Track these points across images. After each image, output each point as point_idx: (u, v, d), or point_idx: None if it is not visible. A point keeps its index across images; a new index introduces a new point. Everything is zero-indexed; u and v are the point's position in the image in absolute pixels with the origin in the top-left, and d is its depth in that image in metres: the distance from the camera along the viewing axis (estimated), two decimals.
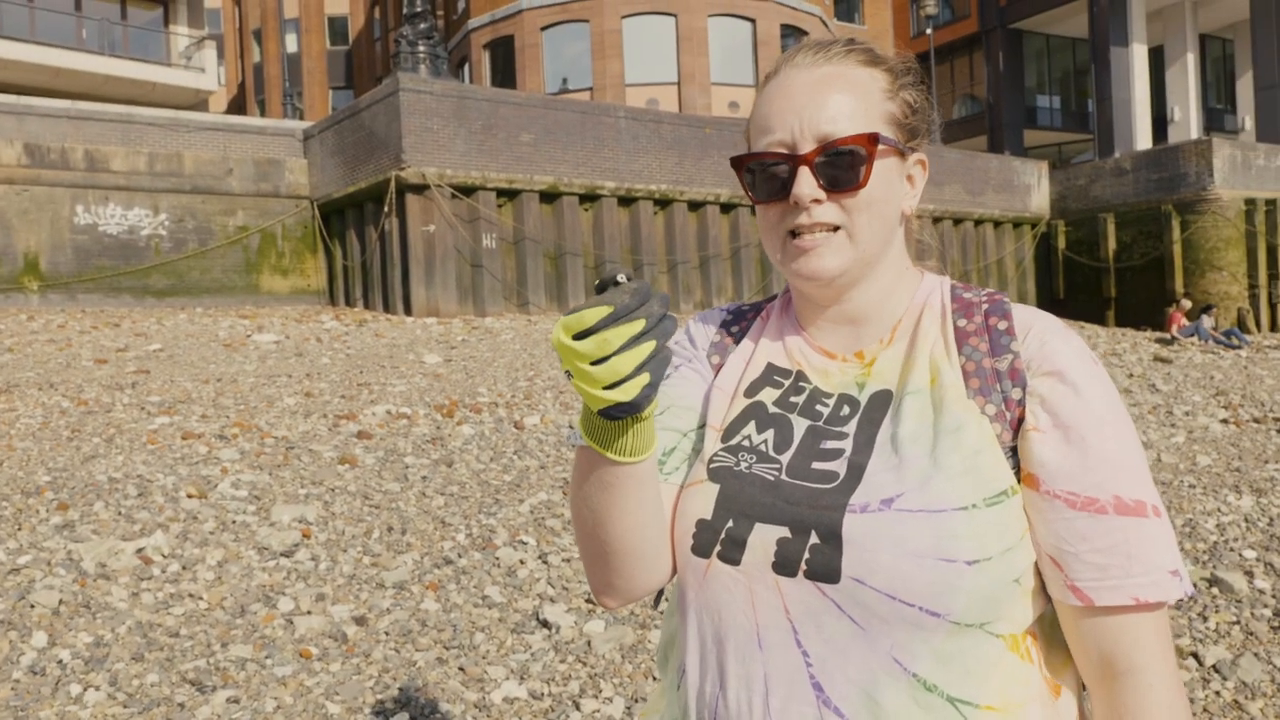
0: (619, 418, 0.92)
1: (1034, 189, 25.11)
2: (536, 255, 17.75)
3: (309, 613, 4.40)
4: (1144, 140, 29.55)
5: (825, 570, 0.98)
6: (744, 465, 1.07)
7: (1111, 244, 23.67)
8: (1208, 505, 6.27)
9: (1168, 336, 19.51)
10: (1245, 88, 33.66)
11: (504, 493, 6.23)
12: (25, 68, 24.69)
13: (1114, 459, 0.98)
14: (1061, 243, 24.74)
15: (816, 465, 1.05)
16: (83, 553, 4.81)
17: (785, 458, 1.07)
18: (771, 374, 1.16)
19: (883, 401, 1.08)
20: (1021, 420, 1.02)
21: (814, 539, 0.99)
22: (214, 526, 5.39)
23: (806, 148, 1.06)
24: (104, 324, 14.72)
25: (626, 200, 18.86)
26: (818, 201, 1.06)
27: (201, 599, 4.50)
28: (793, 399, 1.13)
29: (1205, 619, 4.40)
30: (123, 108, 18.24)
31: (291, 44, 40.84)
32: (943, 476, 0.98)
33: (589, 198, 18.43)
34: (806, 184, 1.05)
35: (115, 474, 6.22)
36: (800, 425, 1.10)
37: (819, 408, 1.11)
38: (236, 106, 44.27)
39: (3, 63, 24.26)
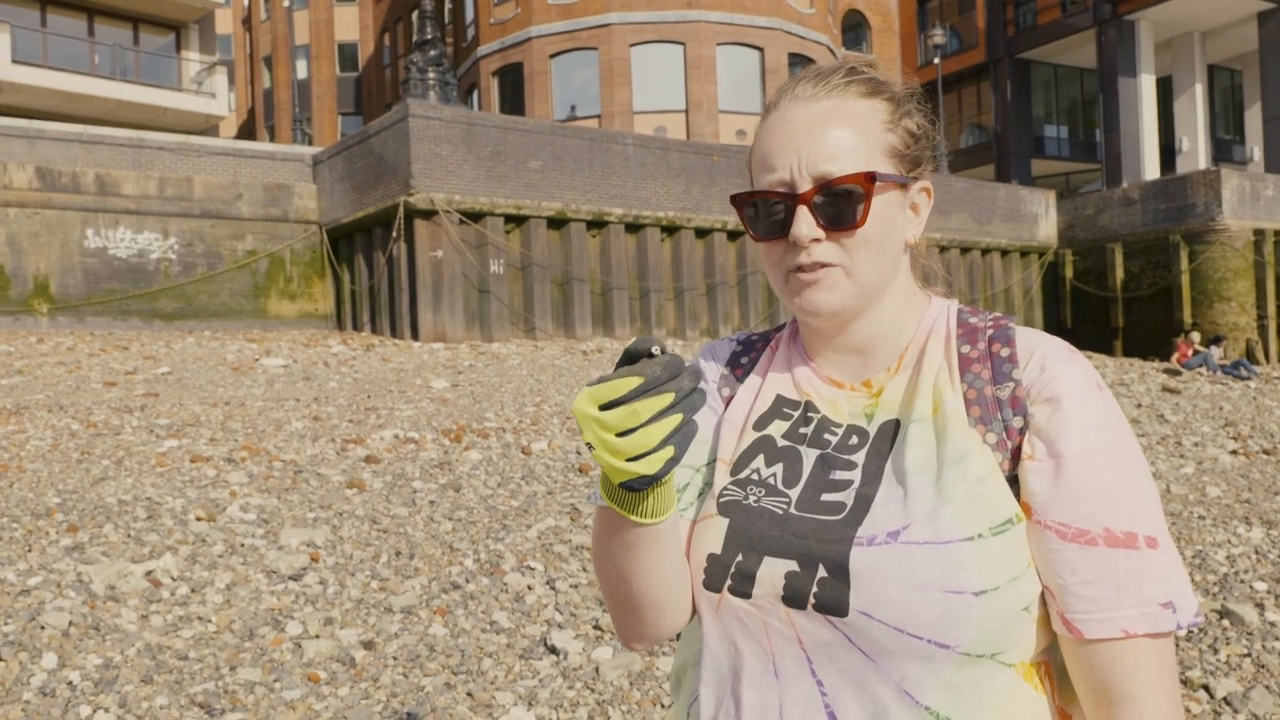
0: (640, 489, 0.92)
1: (1041, 218, 25.16)
2: (544, 281, 17.81)
3: (317, 636, 4.39)
4: (1152, 170, 29.62)
5: (834, 604, 0.98)
6: (753, 499, 1.08)
7: (1119, 274, 23.68)
8: (1218, 537, 6.24)
9: (1175, 367, 19.47)
10: (1254, 118, 33.75)
11: (511, 518, 6.23)
12: (38, 92, 24.92)
13: (1105, 490, 0.97)
14: (1069, 272, 24.77)
15: (825, 497, 1.05)
16: (92, 575, 4.81)
17: (795, 491, 1.07)
18: (780, 406, 1.16)
19: (891, 432, 1.07)
20: (1021, 449, 1.02)
21: (822, 572, 1.00)
22: (222, 549, 5.39)
23: (805, 186, 1.05)
24: (113, 347, 14.77)
25: (634, 227, 18.93)
26: (817, 241, 1.06)
27: (210, 622, 4.49)
28: (801, 430, 1.13)
29: (1216, 651, 4.38)
30: (133, 132, 18.40)
31: (302, 70, 41.19)
32: (949, 507, 0.98)
33: (596, 224, 18.51)
34: (805, 224, 1.05)
35: (125, 496, 6.23)
36: (810, 456, 1.10)
37: (827, 436, 1.11)
38: (246, 131, 44.61)
39: (16, 87, 24.48)
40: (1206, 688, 4.00)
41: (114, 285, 17.22)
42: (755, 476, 1.10)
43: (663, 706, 3.83)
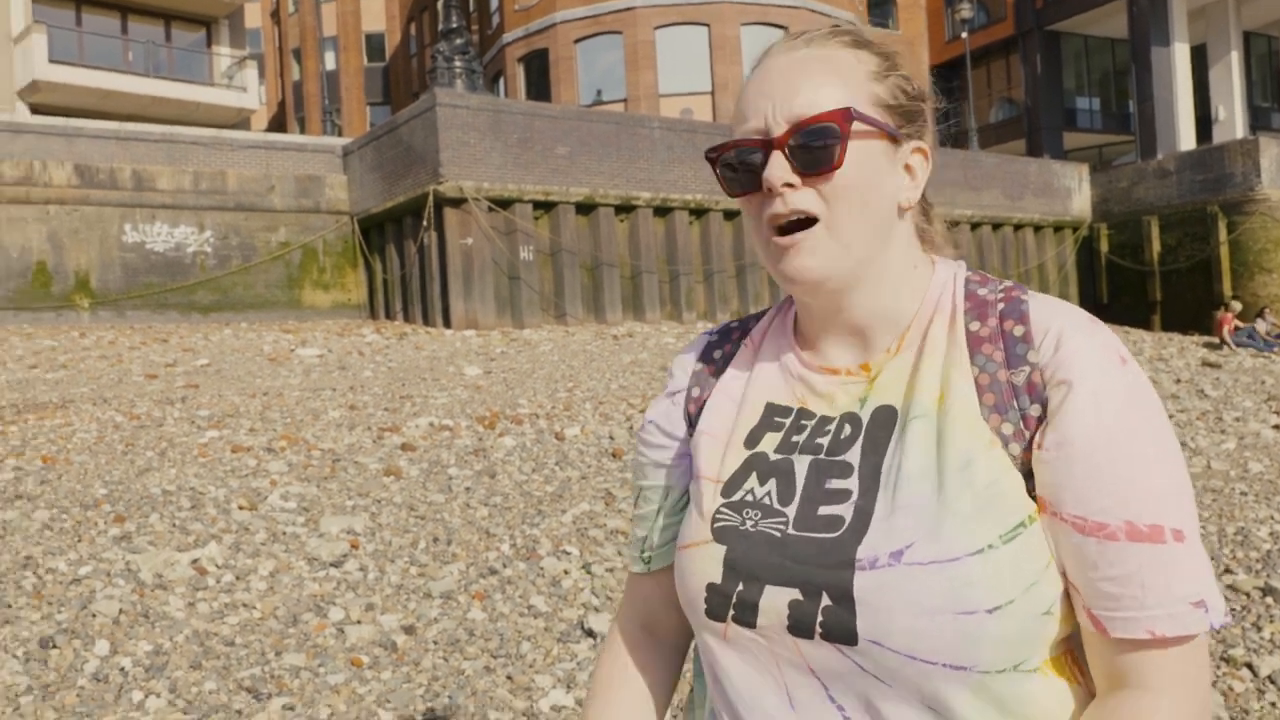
0: None
1: (1074, 192, 24.88)
2: (573, 266, 17.86)
3: (359, 622, 4.48)
4: (1187, 141, 29.16)
5: (841, 633, 0.93)
6: (749, 524, 1.01)
7: (1156, 247, 23.37)
8: (1260, 513, 6.19)
9: (1215, 341, 19.20)
10: None
11: (546, 503, 6.29)
12: (75, 91, 25.26)
13: (1126, 479, 0.89)
14: (1104, 246, 24.48)
15: (823, 510, 0.99)
16: (140, 563, 4.93)
17: (791, 509, 1.00)
18: (771, 416, 1.08)
19: (886, 420, 1.00)
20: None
21: (826, 600, 0.94)
22: (265, 537, 5.50)
23: (779, 131, 0.98)
24: (152, 340, 15.01)
25: (662, 210, 18.93)
26: (791, 186, 0.97)
27: (255, 608, 4.59)
28: (794, 438, 1.05)
29: (1260, 629, 4.36)
30: (168, 128, 18.64)
31: (330, 61, 41.43)
32: (954, 520, 0.91)
33: (624, 209, 18.53)
34: (778, 168, 0.97)
35: (169, 486, 6.36)
36: (802, 465, 1.02)
37: (819, 440, 1.03)
38: (277, 124, 44.95)
39: (53, 86, 24.82)
40: (1250, 666, 3.99)
41: (152, 279, 17.48)
42: (750, 498, 1.03)
43: None
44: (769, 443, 1.06)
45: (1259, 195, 21.64)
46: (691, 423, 1.14)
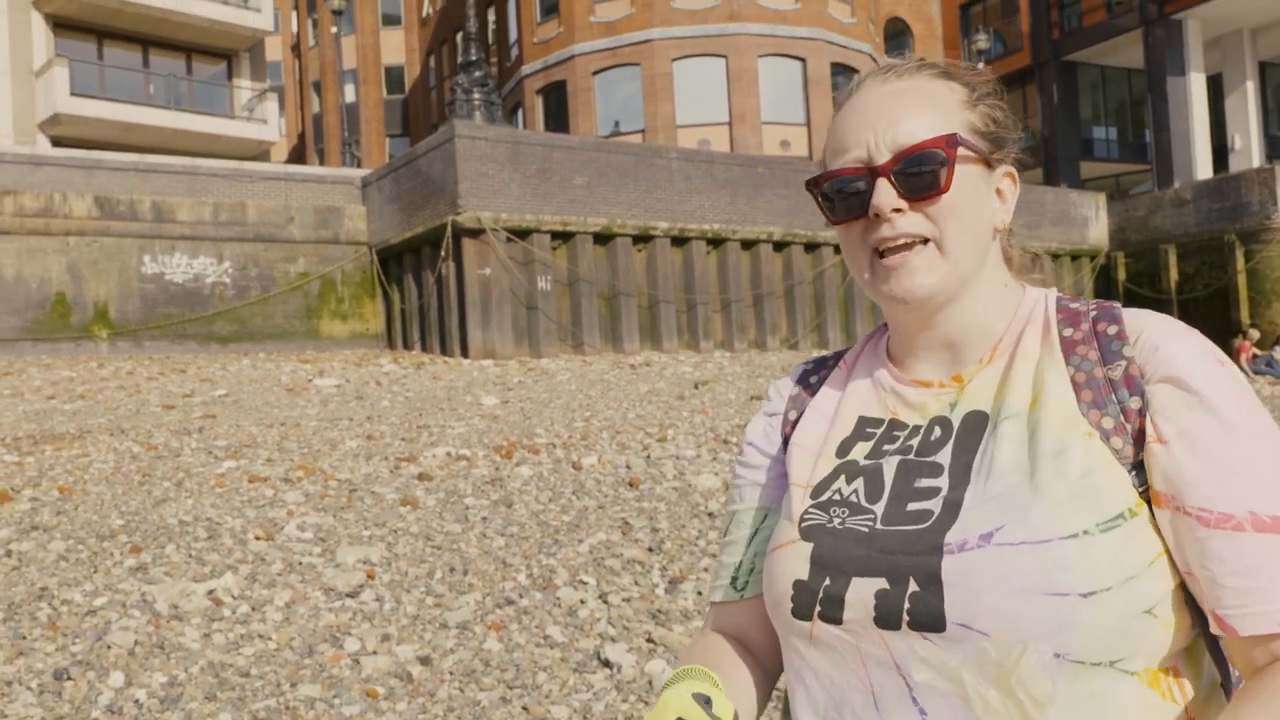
0: None
1: (1092, 221, 24.83)
2: (591, 296, 17.91)
3: (375, 653, 4.45)
4: (1204, 170, 29.09)
5: (929, 618, 0.93)
6: (837, 521, 1.02)
7: (1173, 275, 23.29)
8: None
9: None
10: None
11: (563, 533, 6.26)
12: (96, 123, 25.58)
13: (1247, 471, 0.89)
14: (1122, 275, 24.40)
15: (912, 507, 0.99)
16: (156, 594, 4.92)
17: (879, 507, 1.01)
18: (863, 428, 1.10)
19: (977, 424, 1.01)
20: (1144, 432, 0.94)
21: (913, 586, 0.94)
22: (281, 568, 5.48)
23: (882, 159, 1.01)
24: (170, 370, 15.09)
25: (680, 240, 18.98)
26: (899, 212, 1.00)
27: (270, 639, 4.57)
28: (885, 446, 1.07)
29: None
30: (188, 160, 18.85)
31: (350, 94, 41.88)
32: (1046, 504, 0.91)
33: (642, 238, 18.59)
34: (886, 194, 1.00)
35: (185, 517, 6.36)
36: (890, 466, 1.04)
37: (910, 443, 1.05)
38: (296, 156, 45.41)
39: (75, 119, 25.16)
40: None
41: (171, 310, 17.61)
42: (837, 497, 1.05)
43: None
44: (859, 451, 1.08)
45: (1276, 224, 21.55)
46: (787, 442, 1.17)
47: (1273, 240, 21.59)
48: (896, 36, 34.76)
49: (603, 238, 18.21)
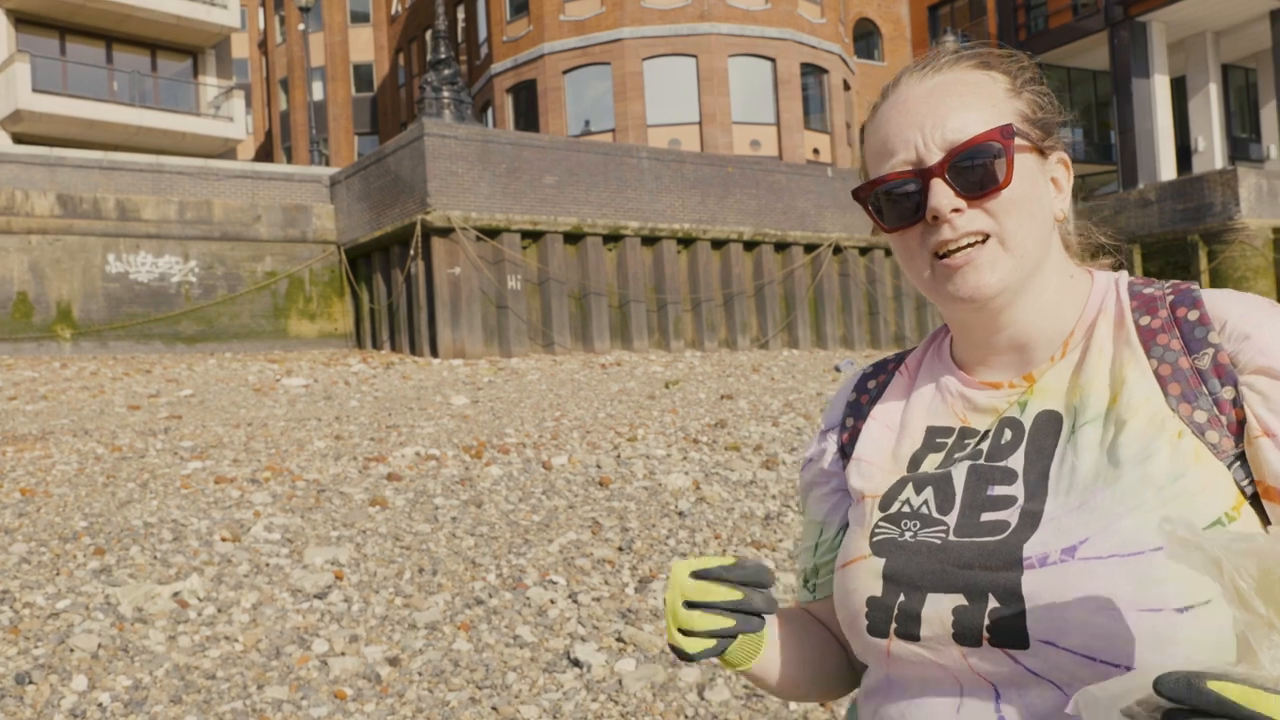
0: (681, 660, 0.99)
1: None
2: (561, 296, 17.88)
3: (343, 654, 4.42)
4: (1168, 171, 29.47)
5: (1011, 636, 0.88)
6: (908, 534, 0.98)
7: (1139, 274, 23.56)
8: None
9: None
10: (1269, 116, 33.56)
11: (533, 533, 6.25)
12: (58, 120, 25.23)
13: None
14: None
15: (986, 517, 0.94)
16: (120, 597, 4.86)
17: (951, 517, 0.97)
18: (933, 439, 1.05)
19: (1051, 425, 0.96)
20: (1243, 423, 0.88)
21: (993, 603, 0.89)
22: (248, 569, 5.43)
23: (934, 159, 0.95)
24: (136, 370, 14.91)
25: (650, 240, 19.00)
26: (958, 211, 0.95)
27: (237, 641, 4.53)
28: (956, 455, 1.02)
29: None
30: (153, 157, 18.62)
31: (318, 91, 41.56)
32: (1134, 515, 0.85)
33: (612, 238, 18.59)
34: (943, 195, 0.94)
35: (150, 519, 6.29)
36: (960, 472, 0.99)
37: (981, 446, 1.00)
38: (264, 154, 45.03)
39: (36, 116, 24.80)
40: None
41: (136, 309, 17.41)
42: (907, 509, 1.00)
43: (686, 718, 3.84)
44: (931, 463, 1.03)
45: (1238, 224, 21.87)
46: (845, 453, 1.13)
47: (1235, 241, 21.91)
48: (865, 37, 34.95)
49: (573, 237, 18.18)
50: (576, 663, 4.35)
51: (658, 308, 18.97)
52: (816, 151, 28.11)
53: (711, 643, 0.96)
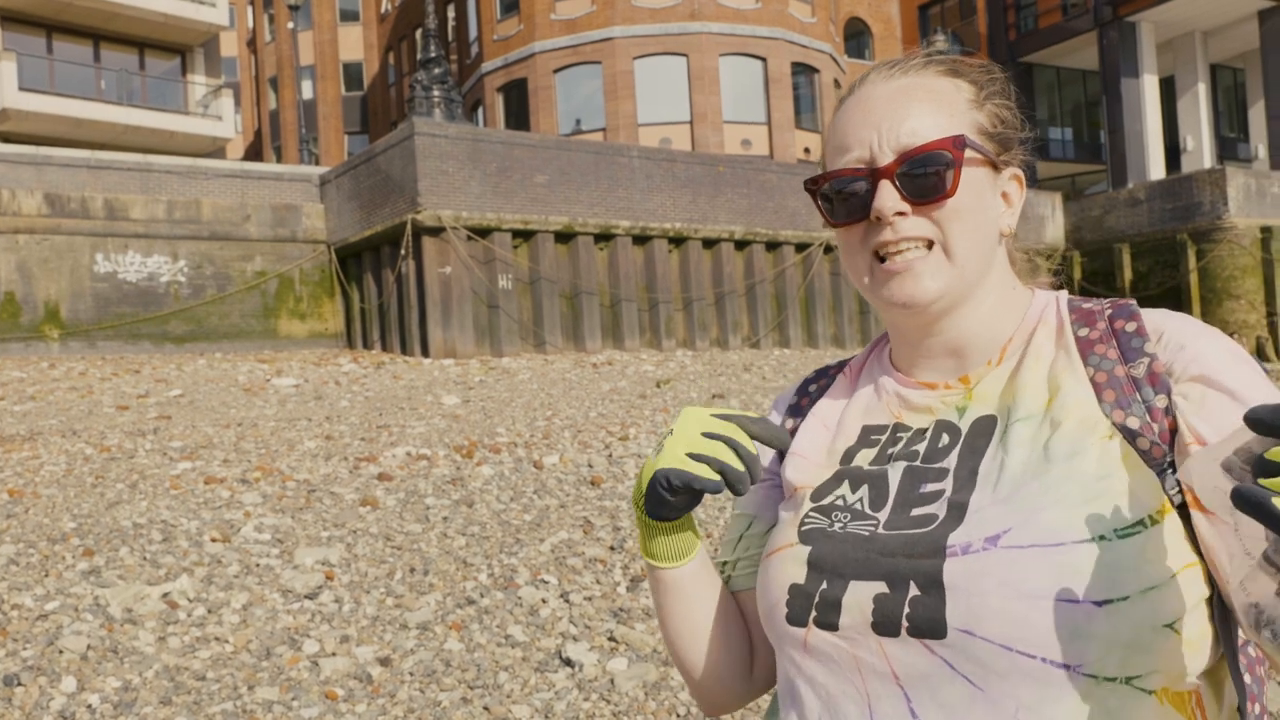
0: (655, 515, 1.01)
1: (1048, 220, 25.14)
2: (552, 295, 17.86)
3: (334, 654, 4.41)
4: (1157, 170, 29.58)
5: (929, 624, 0.88)
6: (838, 525, 0.98)
7: (1128, 274, 23.65)
8: None
9: None
10: (1258, 116, 33.68)
11: (525, 532, 6.23)
12: (45, 119, 25.11)
13: None
14: (1078, 274, 24.72)
15: (916, 512, 0.95)
16: (109, 598, 4.83)
17: (882, 513, 0.97)
18: (868, 435, 1.06)
19: (986, 428, 0.97)
20: (1175, 432, 0.89)
21: (914, 590, 0.89)
22: (238, 570, 5.41)
23: (885, 160, 0.97)
24: (124, 370, 14.85)
25: (641, 239, 18.98)
26: (902, 215, 0.96)
27: (227, 642, 4.51)
28: (889, 450, 1.02)
29: None
30: (141, 156, 18.53)
31: (307, 90, 41.43)
32: (1059, 508, 0.86)
33: (604, 237, 18.57)
34: (888, 197, 0.96)
35: (139, 519, 6.25)
36: (896, 471, 0.99)
37: (915, 448, 1.00)
38: (253, 153, 44.88)
39: (23, 115, 24.68)
40: None
41: (124, 309, 17.32)
42: (840, 503, 1.00)
43: (677, 716, 3.83)
44: (864, 458, 1.04)
45: (1226, 224, 21.96)
46: (782, 454, 1.13)
47: (1223, 240, 22.00)
48: (856, 36, 35.00)
49: (564, 236, 18.16)
50: (568, 662, 4.34)
51: (649, 307, 18.96)
52: (807, 150, 28.14)
53: (718, 476, 0.96)
